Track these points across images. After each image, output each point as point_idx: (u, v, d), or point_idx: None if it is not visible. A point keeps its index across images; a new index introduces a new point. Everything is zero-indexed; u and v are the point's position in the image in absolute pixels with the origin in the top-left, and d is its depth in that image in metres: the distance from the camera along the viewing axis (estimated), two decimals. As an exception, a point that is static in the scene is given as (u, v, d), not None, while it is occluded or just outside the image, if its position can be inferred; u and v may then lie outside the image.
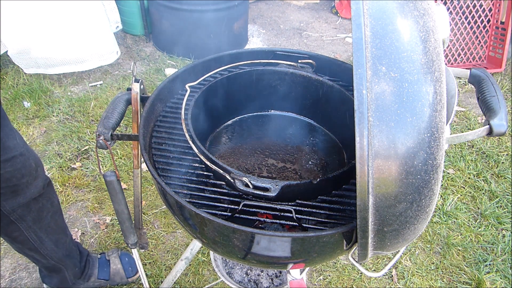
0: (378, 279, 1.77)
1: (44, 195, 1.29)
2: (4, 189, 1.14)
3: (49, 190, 1.32)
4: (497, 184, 2.23)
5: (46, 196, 1.30)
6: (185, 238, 1.88)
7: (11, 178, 1.13)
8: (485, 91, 0.78)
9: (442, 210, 2.06)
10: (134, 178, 1.09)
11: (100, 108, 2.59)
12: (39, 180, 1.24)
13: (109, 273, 1.65)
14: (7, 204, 1.18)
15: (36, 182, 1.22)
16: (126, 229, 1.07)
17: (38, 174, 1.23)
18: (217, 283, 1.66)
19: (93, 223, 1.93)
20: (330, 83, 1.08)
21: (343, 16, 4.04)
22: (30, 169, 1.18)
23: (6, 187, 1.14)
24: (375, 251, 0.71)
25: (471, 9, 3.16)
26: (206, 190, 0.92)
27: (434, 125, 0.56)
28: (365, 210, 0.59)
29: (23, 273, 1.72)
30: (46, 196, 1.30)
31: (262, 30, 3.75)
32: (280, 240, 0.79)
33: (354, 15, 0.56)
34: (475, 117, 2.73)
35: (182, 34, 3.01)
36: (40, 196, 1.26)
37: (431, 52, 0.57)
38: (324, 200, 0.89)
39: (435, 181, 0.59)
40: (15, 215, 1.22)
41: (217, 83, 1.09)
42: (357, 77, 0.54)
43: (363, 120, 0.54)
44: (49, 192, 1.32)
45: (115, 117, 0.91)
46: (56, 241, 1.40)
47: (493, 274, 1.80)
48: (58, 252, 1.42)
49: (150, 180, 2.11)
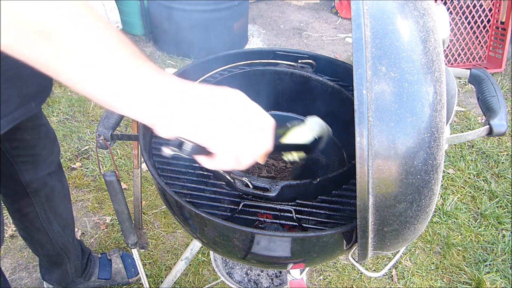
0: (378, 279, 1.77)
1: (57, 174, 1.35)
2: (27, 157, 1.20)
3: (61, 172, 1.38)
4: (497, 184, 2.24)
5: (58, 176, 1.36)
6: (185, 238, 1.88)
7: (35, 147, 1.20)
8: (485, 91, 0.78)
9: (442, 210, 2.06)
10: (134, 178, 1.09)
11: (100, 108, 2.59)
12: (55, 155, 1.30)
13: (110, 272, 1.65)
14: (27, 174, 1.23)
15: (53, 157, 1.29)
16: (126, 229, 1.07)
17: (55, 149, 1.30)
18: (217, 283, 1.66)
19: (93, 223, 1.93)
20: (330, 83, 1.08)
21: (343, 16, 4.04)
22: (49, 141, 1.25)
23: (29, 155, 1.20)
24: (375, 251, 0.71)
25: (471, 9, 3.16)
26: (206, 190, 0.92)
27: (434, 125, 0.56)
28: (365, 210, 0.59)
29: (23, 273, 1.72)
30: (58, 177, 1.36)
31: (262, 30, 3.75)
32: (280, 240, 0.79)
33: (354, 15, 0.56)
34: (475, 117, 2.73)
35: (182, 34, 3.01)
36: (54, 173, 1.32)
37: (431, 52, 0.57)
38: (324, 200, 0.89)
39: (435, 181, 0.59)
40: (31, 188, 1.27)
41: (217, 83, 1.09)
42: (357, 77, 0.54)
43: (363, 120, 0.54)
44: (60, 173, 1.38)
45: (115, 117, 0.91)
46: (63, 226, 1.43)
47: (493, 274, 1.80)
48: (63, 237, 1.44)
49: (150, 180, 2.11)
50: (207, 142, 0.59)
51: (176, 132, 0.58)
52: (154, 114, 0.55)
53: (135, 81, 0.52)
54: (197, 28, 2.98)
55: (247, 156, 0.62)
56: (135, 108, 0.54)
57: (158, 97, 0.54)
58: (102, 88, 0.51)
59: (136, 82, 0.52)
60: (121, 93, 0.52)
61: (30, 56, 0.47)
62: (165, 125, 0.56)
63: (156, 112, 0.55)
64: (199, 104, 0.57)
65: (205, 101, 0.57)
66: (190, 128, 0.57)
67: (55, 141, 1.30)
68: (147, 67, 0.53)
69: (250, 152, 0.62)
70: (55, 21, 0.45)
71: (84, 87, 0.50)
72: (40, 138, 1.21)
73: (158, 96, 0.54)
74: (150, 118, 0.56)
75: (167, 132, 0.58)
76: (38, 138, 1.20)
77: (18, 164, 1.20)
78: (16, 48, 0.46)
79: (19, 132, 1.12)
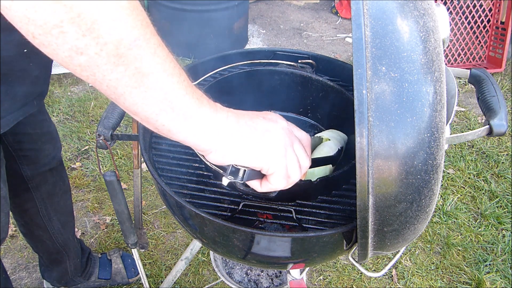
0: (378, 279, 1.77)
1: (58, 170, 1.36)
2: (29, 152, 1.21)
3: (62, 168, 1.39)
4: (497, 184, 2.23)
5: (59, 172, 1.37)
6: (185, 238, 1.88)
7: (37, 141, 1.22)
8: (485, 91, 0.78)
9: (442, 210, 2.06)
10: (134, 178, 1.09)
11: (100, 108, 2.59)
12: (57, 151, 1.32)
13: (110, 272, 1.65)
14: (29, 169, 1.24)
15: (55, 152, 1.30)
16: (126, 229, 1.07)
17: (56, 145, 1.31)
18: (217, 283, 1.66)
19: (93, 223, 1.93)
20: (330, 83, 1.08)
21: (343, 16, 4.04)
22: (51, 136, 1.27)
23: (31, 149, 1.21)
24: (375, 251, 0.71)
25: (471, 9, 3.16)
26: (206, 190, 0.92)
27: (434, 125, 0.56)
28: (365, 210, 0.59)
29: (23, 273, 1.72)
30: (59, 173, 1.37)
31: (262, 30, 3.75)
32: (280, 240, 0.79)
33: (354, 15, 0.56)
34: (475, 117, 2.73)
35: (182, 34, 3.01)
36: (55, 170, 1.34)
37: (431, 52, 0.57)
38: (324, 200, 0.89)
39: (435, 181, 0.59)
40: (33, 183, 1.28)
41: (217, 83, 1.09)
42: (357, 77, 0.54)
43: (363, 120, 0.54)
44: (61, 170, 1.39)
45: (115, 117, 0.91)
46: (64, 222, 1.43)
47: (493, 274, 1.80)
48: (63, 234, 1.44)
49: (150, 180, 2.11)
50: (260, 164, 0.62)
51: (230, 160, 0.60)
52: (209, 143, 0.58)
53: (194, 114, 0.54)
54: (197, 28, 2.97)
55: (296, 173, 0.65)
56: (192, 138, 0.56)
57: (213, 127, 0.57)
58: (160, 117, 0.52)
59: (195, 114, 0.54)
60: (180, 124, 0.54)
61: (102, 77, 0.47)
62: (219, 153, 0.59)
63: (212, 140, 0.57)
64: (248, 129, 0.60)
65: (252, 126, 0.61)
66: (242, 153, 0.60)
67: (56, 137, 1.31)
68: (201, 97, 0.56)
69: (298, 168, 0.65)
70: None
71: (143, 111, 0.52)
72: (43, 133, 1.23)
73: (213, 126, 0.57)
74: (205, 146, 0.58)
75: (222, 160, 0.60)
76: (40, 133, 1.22)
77: (20, 159, 1.21)
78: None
79: (22, 126, 1.13)
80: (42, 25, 0.41)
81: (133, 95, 0.49)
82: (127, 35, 0.45)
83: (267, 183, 0.66)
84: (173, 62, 0.52)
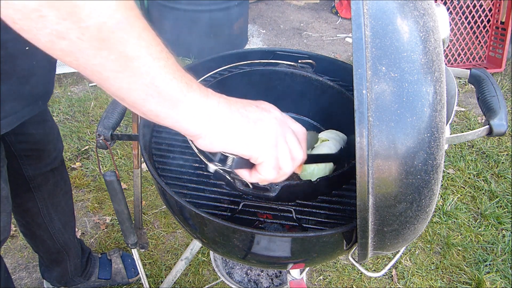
0: (378, 279, 1.77)
1: (59, 170, 1.37)
2: (31, 152, 1.22)
3: (63, 169, 1.40)
4: (497, 184, 2.24)
5: (60, 172, 1.38)
6: (185, 238, 1.88)
7: (39, 141, 1.22)
8: (485, 91, 0.78)
9: (442, 210, 2.06)
10: (134, 178, 1.09)
11: (100, 108, 2.59)
12: (58, 152, 1.33)
13: (110, 272, 1.65)
14: (30, 169, 1.25)
15: (56, 153, 1.31)
16: (126, 229, 1.07)
17: (58, 145, 1.32)
18: (217, 283, 1.66)
19: (93, 223, 1.93)
20: (330, 83, 1.08)
21: (343, 16, 4.04)
22: (53, 137, 1.28)
23: (33, 149, 1.22)
24: (375, 251, 0.71)
25: (471, 9, 3.16)
26: (206, 190, 0.92)
27: (434, 125, 0.56)
28: (365, 210, 0.59)
29: (23, 273, 1.72)
30: (60, 173, 1.38)
31: (262, 30, 3.75)
32: (280, 240, 0.79)
33: (354, 15, 0.56)
34: (475, 117, 2.73)
35: (182, 34, 3.01)
36: (57, 170, 1.34)
37: (431, 52, 0.57)
38: (324, 200, 0.89)
39: (435, 181, 0.59)
40: (35, 183, 1.29)
41: (216, 83, 1.09)
42: (357, 77, 0.54)
43: (363, 120, 0.54)
44: (63, 170, 1.40)
45: (115, 117, 0.91)
46: (64, 222, 1.44)
47: (493, 274, 1.80)
48: (64, 234, 1.45)
49: (150, 180, 2.11)
50: (249, 153, 0.60)
51: (219, 146, 0.59)
52: (198, 128, 0.56)
53: (182, 99, 0.53)
54: (197, 28, 2.97)
55: (288, 165, 0.63)
56: (181, 123, 0.55)
57: (203, 112, 0.55)
58: (147, 103, 0.51)
59: (183, 99, 0.53)
60: (168, 109, 0.53)
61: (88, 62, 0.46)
62: (208, 139, 0.58)
63: (201, 126, 0.56)
64: (239, 117, 0.58)
65: (244, 114, 0.59)
66: (232, 141, 0.59)
67: (58, 138, 1.32)
68: (190, 81, 0.54)
69: (290, 160, 0.63)
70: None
71: (130, 98, 0.51)
72: (45, 133, 1.23)
73: (203, 112, 0.55)
74: (194, 131, 0.57)
75: (210, 146, 0.59)
76: (43, 133, 1.22)
77: (22, 158, 1.21)
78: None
79: (25, 126, 1.14)
80: (21, 9, 0.40)
81: (118, 80, 0.48)
82: (110, 18, 0.43)
83: (256, 173, 0.64)
84: (160, 46, 0.50)
